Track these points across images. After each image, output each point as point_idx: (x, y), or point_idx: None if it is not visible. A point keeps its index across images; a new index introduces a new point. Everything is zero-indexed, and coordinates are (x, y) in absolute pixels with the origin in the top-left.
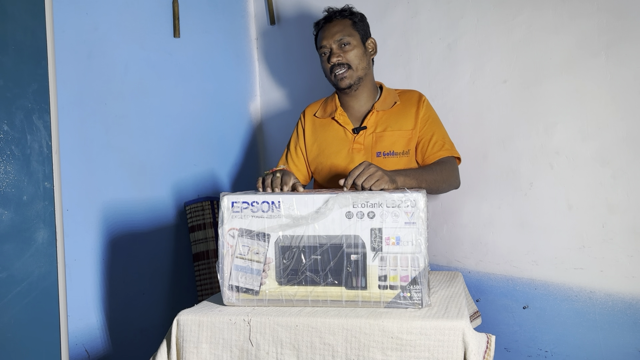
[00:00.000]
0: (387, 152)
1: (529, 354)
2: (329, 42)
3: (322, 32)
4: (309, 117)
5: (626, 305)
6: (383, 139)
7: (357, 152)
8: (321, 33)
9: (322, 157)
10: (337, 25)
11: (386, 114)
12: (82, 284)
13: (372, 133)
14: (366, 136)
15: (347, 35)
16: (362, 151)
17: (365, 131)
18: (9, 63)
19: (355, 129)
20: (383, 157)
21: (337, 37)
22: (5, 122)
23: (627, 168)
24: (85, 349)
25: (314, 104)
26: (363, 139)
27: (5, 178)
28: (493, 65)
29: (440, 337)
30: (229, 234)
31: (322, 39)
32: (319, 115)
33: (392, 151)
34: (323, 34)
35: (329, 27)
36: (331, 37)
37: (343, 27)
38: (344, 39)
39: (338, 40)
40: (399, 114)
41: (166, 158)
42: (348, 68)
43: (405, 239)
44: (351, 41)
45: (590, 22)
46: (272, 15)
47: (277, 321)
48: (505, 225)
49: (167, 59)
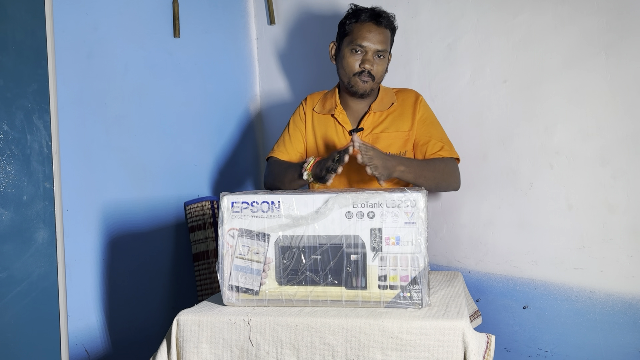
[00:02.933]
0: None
1: (529, 354)
2: (370, 47)
3: (365, 30)
4: (309, 110)
5: (626, 305)
6: (380, 140)
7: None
8: (364, 30)
9: (318, 151)
10: (383, 32)
11: (383, 114)
12: (82, 284)
13: (369, 134)
14: (363, 138)
15: (386, 48)
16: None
17: (362, 133)
18: (9, 63)
19: (351, 131)
20: None
21: (379, 47)
22: (5, 122)
23: (627, 168)
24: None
25: (315, 95)
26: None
27: (5, 178)
28: (493, 65)
29: (440, 337)
30: (228, 234)
31: (364, 39)
32: (317, 110)
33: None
34: (366, 33)
35: (376, 31)
36: (374, 43)
37: (386, 37)
38: (383, 51)
39: (378, 50)
40: (396, 115)
41: (166, 158)
42: (372, 79)
43: (405, 239)
44: (386, 55)
45: (590, 22)
46: (272, 15)
47: (277, 321)
48: (505, 225)
49: (167, 59)
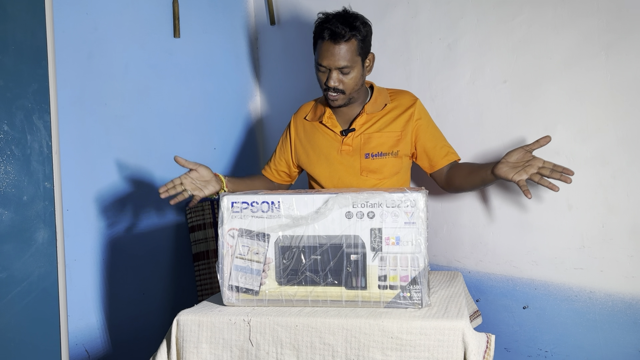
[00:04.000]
0: (376, 154)
1: (529, 354)
2: (329, 65)
3: (324, 49)
4: (300, 121)
5: (626, 305)
6: (371, 140)
7: (346, 154)
8: (323, 50)
9: (312, 158)
10: (341, 49)
11: (376, 115)
12: (82, 284)
13: (360, 134)
14: (354, 138)
15: (349, 62)
16: (351, 152)
17: (353, 133)
18: (9, 63)
19: (343, 131)
20: (372, 158)
21: (340, 64)
22: (5, 122)
23: (627, 168)
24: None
25: (306, 106)
26: (351, 140)
27: (5, 178)
28: (493, 65)
29: (440, 337)
30: (228, 234)
31: (323, 58)
32: (309, 118)
33: (380, 152)
34: (325, 52)
35: (333, 49)
36: (333, 62)
37: (347, 52)
38: (345, 67)
39: (340, 67)
40: (389, 116)
41: (166, 158)
42: (341, 93)
43: (405, 239)
44: (352, 68)
45: (590, 22)
46: (272, 15)
47: (277, 321)
48: (505, 225)
49: (167, 59)
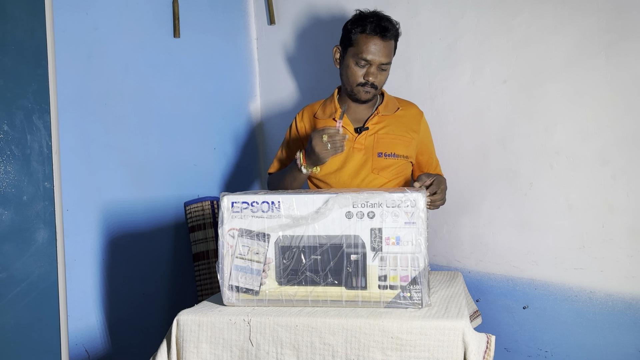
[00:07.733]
0: (389, 154)
1: (529, 354)
2: (375, 60)
3: (371, 43)
4: (308, 118)
5: (626, 305)
6: (385, 140)
7: (357, 152)
8: (370, 44)
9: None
10: (387, 46)
11: (388, 118)
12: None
13: (373, 134)
14: (367, 137)
15: (390, 59)
16: (363, 151)
17: (366, 132)
18: (9, 63)
19: (357, 129)
20: (384, 157)
21: (384, 60)
22: (5, 122)
23: (627, 168)
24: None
25: (313, 105)
26: (364, 139)
27: (5, 178)
28: (493, 65)
29: (440, 337)
30: (229, 234)
31: (369, 53)
32: (319, 116)
33: (393, 153)
34: (372, 47)
35: (382, 44)
36: (379, 58)
37: (390, 50)
38: (387, 64)
39: (383, 63)
40: (401, 120)
41: (166, 158)
42: (375, 88)
43: (405, 239)
44: (389, 65)
45: (590, 22)
46: (272, 15)
47: (277, 321)
48: (505, 225)
49: (167, 59)
